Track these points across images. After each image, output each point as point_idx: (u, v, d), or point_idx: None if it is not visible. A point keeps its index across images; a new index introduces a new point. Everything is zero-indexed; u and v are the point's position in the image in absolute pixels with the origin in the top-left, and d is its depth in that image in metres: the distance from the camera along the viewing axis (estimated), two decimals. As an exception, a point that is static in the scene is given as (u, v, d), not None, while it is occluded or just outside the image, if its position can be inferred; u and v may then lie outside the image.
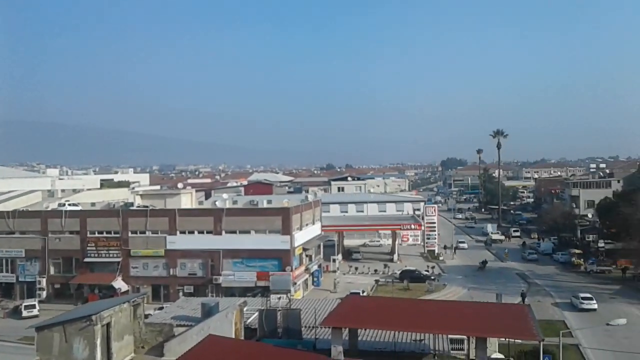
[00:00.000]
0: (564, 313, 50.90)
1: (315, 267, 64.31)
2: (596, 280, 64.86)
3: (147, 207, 60.87)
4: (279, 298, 39.98)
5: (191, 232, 57.53)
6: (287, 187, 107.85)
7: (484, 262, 72.00)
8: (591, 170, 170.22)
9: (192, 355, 21.14)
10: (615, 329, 40.65)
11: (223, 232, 56.58)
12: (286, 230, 55.65)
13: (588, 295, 52.90)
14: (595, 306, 51.24)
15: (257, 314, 32.29)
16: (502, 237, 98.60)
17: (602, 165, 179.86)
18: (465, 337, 29.28)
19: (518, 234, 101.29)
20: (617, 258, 68.63)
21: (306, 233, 61.99)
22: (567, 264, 74.00)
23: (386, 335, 30.64)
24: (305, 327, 32.09)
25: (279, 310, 32.42)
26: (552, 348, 31.40)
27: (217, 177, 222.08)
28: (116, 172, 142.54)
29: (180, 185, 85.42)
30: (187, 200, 65.72)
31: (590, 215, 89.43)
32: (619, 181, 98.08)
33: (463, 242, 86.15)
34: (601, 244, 73.72)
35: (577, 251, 76.27)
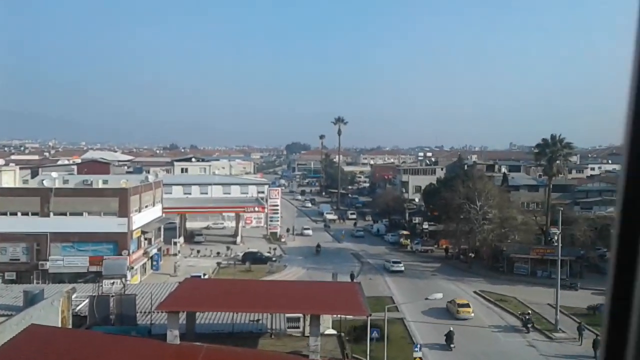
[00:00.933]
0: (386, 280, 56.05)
1: (154, 251, 62.25)
2: (420, 258, 71.29)
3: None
4: (113, 283, 38.15)
5: (14, 214, 52.33)
6: (126, 167, 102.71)
7: (318, 247, 74.23)
8: (419, 158, 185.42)
9: (10, 348, 19.46)
10: (435, 303, 45.21)
11: (51, 214, 52.29)
12: (123, 212, 53.02)
13: (397, 260, 64.84)
14: (402, 268, 62.32)
15: (87, 300, 30.57)
16: (335, 217, 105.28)
17: (429, 154, 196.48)
18: (300, 315, 30.66)
19: (354, 216, 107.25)
20: (439, 238, 75.95)
21: (145, 215, 59.64)
22: (396, 244, 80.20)
23: (225, 317, 30.91)
24: (141, 312, 31.14)
25: (112, 296, 31.07)
26: (380, 322, 33.90)
27: (47, 153, 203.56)
28: None
29: (0, 161, 76.90)
30: (10, 178, 59.49)
31: (417, 200, 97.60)
32: (442, 169, 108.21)
33: (308, 229, 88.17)
34: (425, 225, 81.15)
35: (405, 232, 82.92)
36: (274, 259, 65.79)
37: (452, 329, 39.17)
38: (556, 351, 38.33)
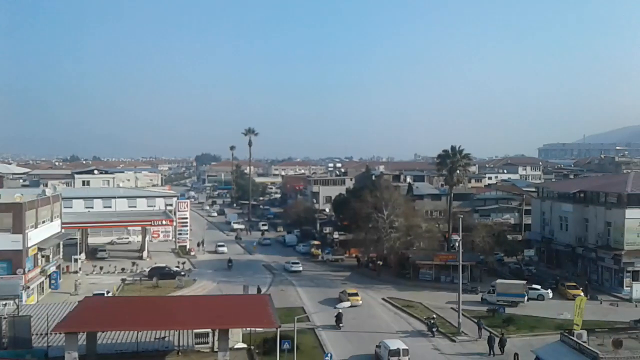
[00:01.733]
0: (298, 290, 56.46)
1: (53, 269, 58.63)
2: (331, 267, 72.19)
3: None
4: (5, 305, 35.51)
5: None
6: (21, 180, 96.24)
7: (230, 262, 72.76)
8: (329, 169, 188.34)
9: None
10: (346, 312, 46.02)
11: None
12: (17, 228, 49.55)
13: (296, 260, 71.92)
14: (300, 268, 68.87)
15: (-26, 325, 28.30)
16: (242, 227, 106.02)
17: (339, 165, 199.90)
18: (209, 330, 30.02)
19: (266, 227, 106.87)
20: (350, 247, 77.32)
21: (43, 231, 56.07)
22: (307, 254, 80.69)
23: (129, 336, 29.66)
24: (37, 334, 29.26)
25: (4, 318, 28.94)
26: (292, 333, 33.76)
27: None
28: None
29: None
30: None
31: (328, 210, 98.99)
32: (351, 179, 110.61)
33: (223, 246, 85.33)
34: (336, 235, 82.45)
35: (316, 242, 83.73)
36: (182, 273, 64.02)
37: (341, 310, 44.45)
38: (458, 352, 40.12)
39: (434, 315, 47.09)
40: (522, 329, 44.41)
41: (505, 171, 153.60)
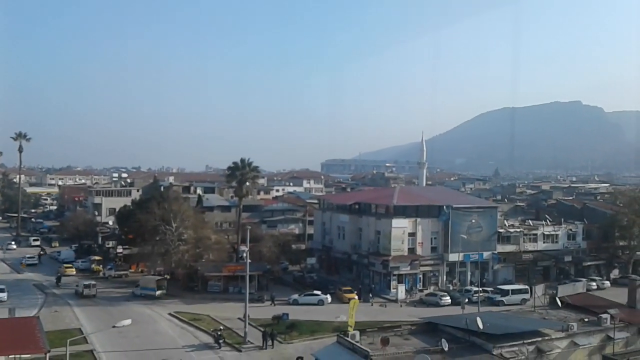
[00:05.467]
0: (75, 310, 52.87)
1: None
2: (114, 284, 67.96)
3: None
4: None
5: None
6: None
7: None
8: (114, 179, 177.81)
9: None
10: (128, 330, 43.56)
11: None
12: None
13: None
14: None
15: None
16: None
17: (124, 175, 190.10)
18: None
19: (38, 243, 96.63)
20: (134, 262, 73.62)
21: None
22: (87, 270, 74.92)
23: None
24: None
25: None
26: (64, 358, 30.92)
27: None
28: None
29: None
30: None
31: (111, 222, 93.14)
32: (138, 190, 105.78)
33: None
34: (120, 249, 77.82)
35: (97, 257, 78.23)
36: None
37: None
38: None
39: (221, 327, 47.31)
40: (304, 333, 46.95)
41: (291, 184, 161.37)
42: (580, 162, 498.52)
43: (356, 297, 55.60)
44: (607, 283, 70.70)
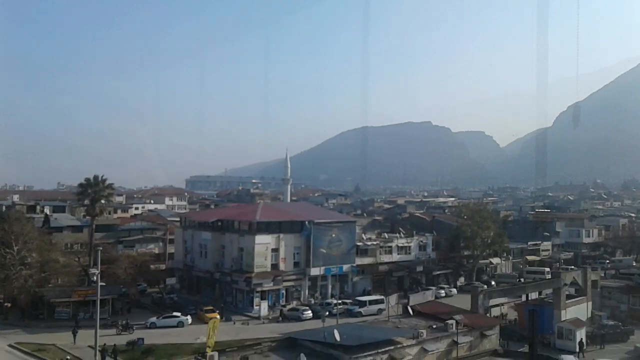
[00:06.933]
0: None
1: None
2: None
3: None
4: None
5: None
6: None
7: None
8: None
9: None
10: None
11: None
12: None
13: None
14: None
15: None
16: None
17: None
18: None
19: None
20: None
21: None
22: None
23: None
24: None
25: None
26: None
27: None
28: None
29: None
30: None
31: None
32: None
33: None
34: None
35: None
36: None
37: None
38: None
39: (68, 357, 43.81)
40: (161, 358, 44.96)
41: (152, 201, 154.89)
42: (431, 177, 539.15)
43: (218, 316, 54.53)
44: (454, 290, 76.60)
